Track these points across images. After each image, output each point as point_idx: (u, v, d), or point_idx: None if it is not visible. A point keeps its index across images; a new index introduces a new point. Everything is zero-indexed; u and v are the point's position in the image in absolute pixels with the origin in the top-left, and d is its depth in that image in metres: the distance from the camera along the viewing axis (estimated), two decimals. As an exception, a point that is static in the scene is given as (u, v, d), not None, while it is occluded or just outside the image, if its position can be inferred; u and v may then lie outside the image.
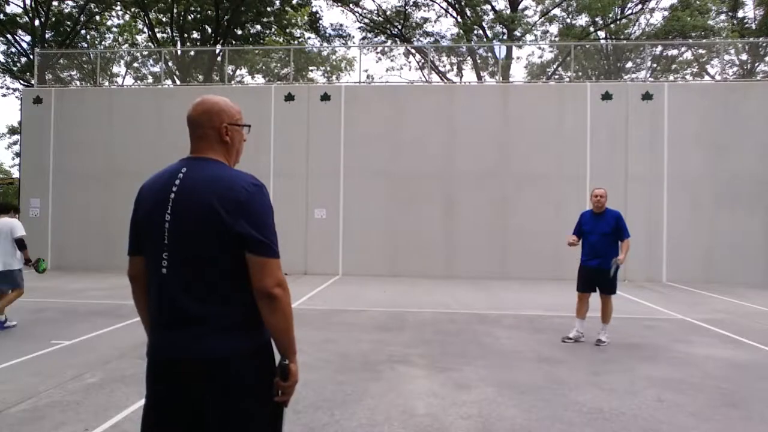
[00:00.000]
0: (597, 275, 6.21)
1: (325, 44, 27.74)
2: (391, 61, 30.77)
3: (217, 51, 22.98)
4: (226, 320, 1.60)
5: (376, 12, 27.78)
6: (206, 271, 1.59)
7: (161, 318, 1.63)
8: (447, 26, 56.60)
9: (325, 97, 14.22)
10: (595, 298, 6.36)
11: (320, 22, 27.38)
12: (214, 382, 1.57)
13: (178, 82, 23.84)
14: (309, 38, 28.14)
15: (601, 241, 6.17)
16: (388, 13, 27.53)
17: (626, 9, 25.77)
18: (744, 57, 23.96)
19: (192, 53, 25.03)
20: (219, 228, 1.57)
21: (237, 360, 1.59)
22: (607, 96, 13.66)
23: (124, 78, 27.66)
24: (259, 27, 26.88)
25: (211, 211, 1.57)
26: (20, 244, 6.74)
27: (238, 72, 26.84)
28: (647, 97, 13.56)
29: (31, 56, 22.29)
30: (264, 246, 1.59)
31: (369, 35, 28.27)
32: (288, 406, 1.72)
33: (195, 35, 26.80)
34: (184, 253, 1.60)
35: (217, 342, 1.58)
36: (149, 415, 1.67)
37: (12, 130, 32.05)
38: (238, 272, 1.60)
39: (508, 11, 24.65)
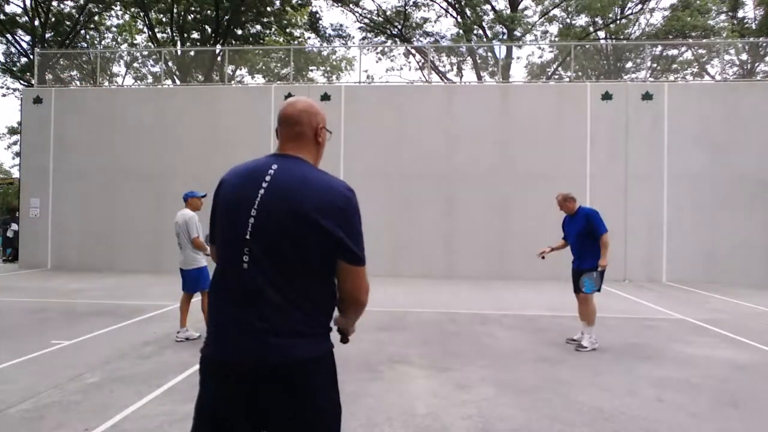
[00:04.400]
0: (577, 276, 6.29)
1: (325, 44, 27.75)
2: (391, 61, 30.87)
3: (217, 51, 22.98)
4: (307, 324, 1.57)
5: (376, 12, 27.82)
6: (293, 273, 1.55)
7: (240, 316, 1.55)
8: (447, 26, 56.65)
9: (325, 97, 14.21)
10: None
11: (320, 22, 27.41)
12: (292, 384, 1.53)
13: (178, 82, 23.84)
14: (309, 38, 28.17)
15: (576, 242, 6.29)
16: (388, 13, 27.54)
17: (626, 9, 25.77)
18: (744, 57, 23.98)
19: (192, 53, 25.03)
20: (312, 231, 1.53)
21: (314, 363, 1.57)
22: (607, 96, 13.65)
23: (124, 78, 27.70)
24: (259, 27, 26.87)
25: (305, 213, 1.53)
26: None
27: (238, 72, 26.87)
28: (647, 97, 13.55)
29: (31, 56, 22.27)
30: (357, 255, 1.61)
31: (369, 35, 28.29)
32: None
33: (195, 35, 26.79)
34: (271, 253, 1.54)
35: (301, 346, 1.55)
36: (204, 418, 1.61)
37: (12, 130, 32.07)
38: (325, 277, 1.61)
39: (508, 11, 24.64)
